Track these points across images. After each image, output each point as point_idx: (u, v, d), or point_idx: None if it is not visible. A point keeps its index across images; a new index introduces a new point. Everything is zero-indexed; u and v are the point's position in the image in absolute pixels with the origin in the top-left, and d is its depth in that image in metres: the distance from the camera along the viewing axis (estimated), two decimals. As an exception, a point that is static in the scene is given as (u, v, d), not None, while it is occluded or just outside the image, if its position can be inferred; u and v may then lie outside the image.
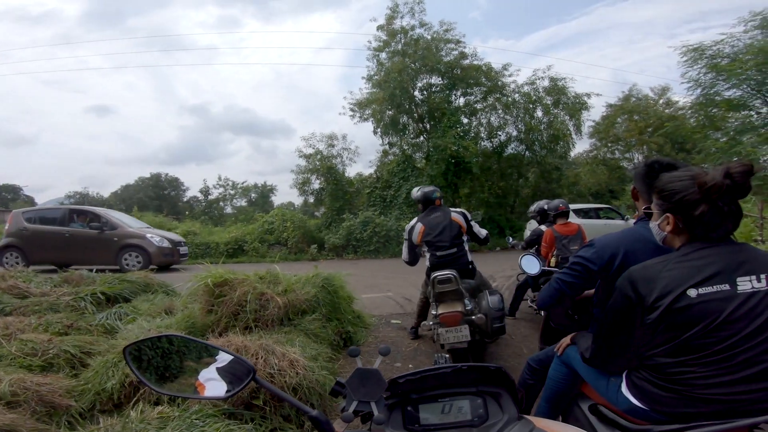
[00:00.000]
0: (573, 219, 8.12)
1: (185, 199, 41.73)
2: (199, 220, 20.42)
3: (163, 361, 0.99)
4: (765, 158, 11.12)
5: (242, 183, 36.42)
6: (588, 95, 15.24)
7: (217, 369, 0.91)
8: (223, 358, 0.92)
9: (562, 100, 15.08)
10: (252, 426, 1.94)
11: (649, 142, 16.91)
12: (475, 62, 15.61)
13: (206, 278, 3.18)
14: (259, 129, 73.50)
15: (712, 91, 12.14)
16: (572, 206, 9.95)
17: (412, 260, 3.56)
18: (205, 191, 35.91)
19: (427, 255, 3.44)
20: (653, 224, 1.27)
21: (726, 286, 1.09)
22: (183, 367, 0.97)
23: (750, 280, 1.09)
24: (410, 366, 3.47)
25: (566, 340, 1.64)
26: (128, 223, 9.57)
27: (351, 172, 17.03)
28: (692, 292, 1.09)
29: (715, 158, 11.56)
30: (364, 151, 33.01)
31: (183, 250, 9.81)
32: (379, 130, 15.94)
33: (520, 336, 4.25)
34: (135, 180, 43.37)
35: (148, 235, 8.92)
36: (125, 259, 8.64)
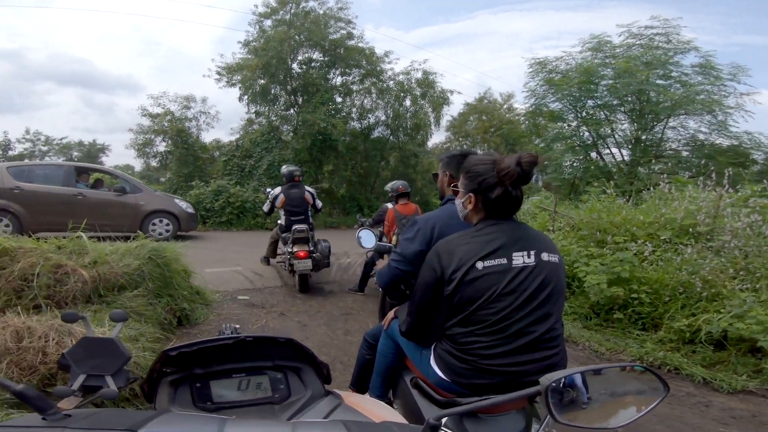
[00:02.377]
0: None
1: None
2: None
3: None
4: (566, 164, 13.65)
5: (60, 139, 29.16)
6: (451, 92, 16.53)
7: None
8: None
9: (429, 93, 16.13)
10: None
11: (490, 141, 19.48)
12: (360, 45, 15.61)
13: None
14: (96, 83, 59.41)
15: (542, 102, 13.36)
16: None
17: (269, 213, 5.33)
18: (4, 145, 27.16)
19: (283, 216, 5.07)
20: (458, 201, 1.35)
21: (504, 260, 1.17)
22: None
23: (522, 256, 1.19)
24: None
25: (391, 314, 1.64)
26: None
27: (207, 137, 15.76)
28: (479, 265, 1.16)
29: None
30: (227, 117, 30.18)
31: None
32: (246, 97, 14.92)
33: (367, 311, 4.29)
34: None
35: (176, 200, 8.69)
36: (153, 225, 7.92)
